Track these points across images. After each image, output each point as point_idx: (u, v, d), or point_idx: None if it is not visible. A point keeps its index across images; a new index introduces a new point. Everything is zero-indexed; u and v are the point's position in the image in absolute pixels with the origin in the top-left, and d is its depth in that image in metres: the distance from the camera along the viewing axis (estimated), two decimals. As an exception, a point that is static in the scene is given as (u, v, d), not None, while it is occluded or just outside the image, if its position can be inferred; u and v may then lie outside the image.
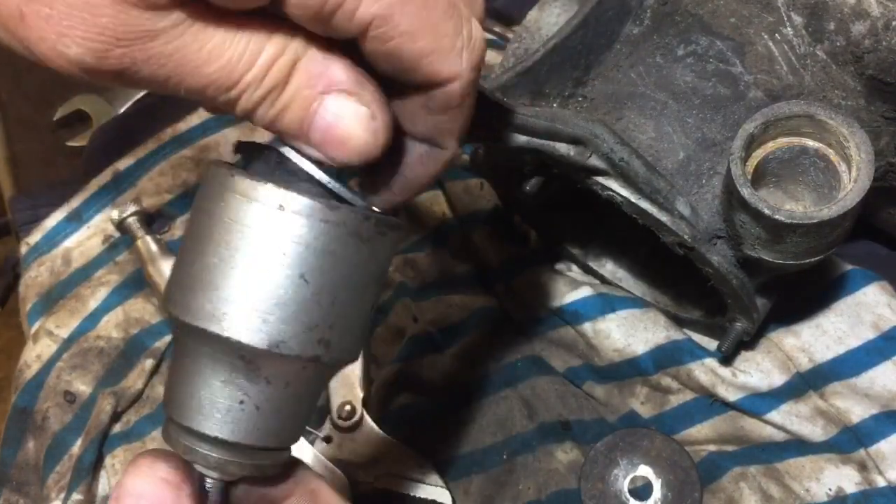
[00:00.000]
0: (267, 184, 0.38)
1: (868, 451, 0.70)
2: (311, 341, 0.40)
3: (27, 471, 0.80)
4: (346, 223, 0.39)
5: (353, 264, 0.40)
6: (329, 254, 0.39)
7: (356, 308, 0.41)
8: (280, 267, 0.38)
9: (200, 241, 0.40)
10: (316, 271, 0.39)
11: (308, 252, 0.39)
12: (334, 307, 0.40)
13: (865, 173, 0.55)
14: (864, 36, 0.61)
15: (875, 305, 0.75)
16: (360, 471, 0.72)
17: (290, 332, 0.39)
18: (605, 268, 0.81)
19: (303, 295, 0.39)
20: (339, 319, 0.40)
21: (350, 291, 0.40)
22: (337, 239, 0.39)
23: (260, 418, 0.41)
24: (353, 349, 0.42)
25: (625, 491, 0.70)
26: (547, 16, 0.71)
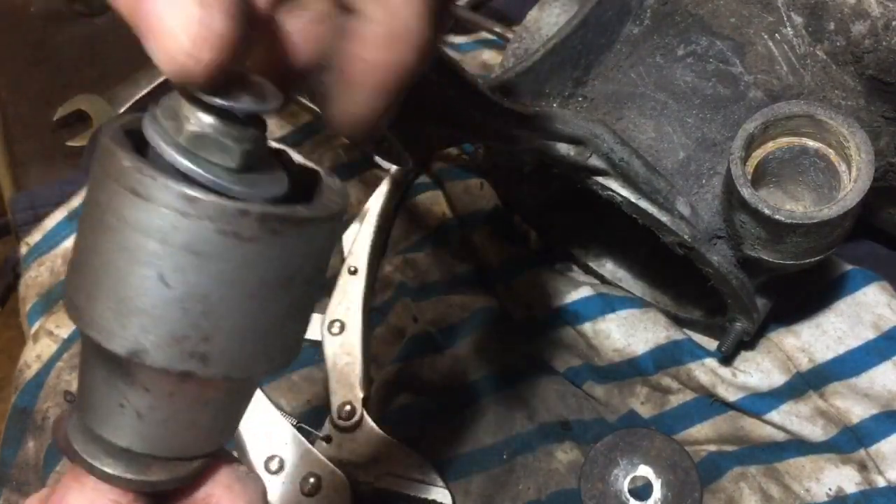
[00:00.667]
0: (122, 161, 0.31)
1: (868, 451, 0.70)
2: (180, 354, 0.33)
3: (27, 471, 0.80)
4: (211, 218, 0.31)
5: (235, 268, 0.32)
6: (193, 254, 0.31)
7: (250, 318, 0.33)
8: (135, 265, 0.32)
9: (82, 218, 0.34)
10: (179, 273, 0.32)
11: (166, 250, 0.31)
12: (207, 317, 0.32)
13: (865, 173, 0.55)
14: (864, 36, 0.61)
15: (875, 305, 0.75)
16: (360, 471, 0.72)
17: (152, 341, 0.33)
18: (605, 268, 0.81)
19: (164, 300, 0.32)
20: (218, 331, 0.33)
21: (236, 300, 0.33)
22: (202, 237, 0.31)
23: (144, 426, 0.36)
24: (255, 363, 0.35)
25: (625, 491, 0.70)
26: (547, 16, 0.71)
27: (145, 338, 0.32)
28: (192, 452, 0.37)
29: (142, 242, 0.31)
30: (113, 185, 0.32)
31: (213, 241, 0.31)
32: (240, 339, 0.34)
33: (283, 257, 0.33)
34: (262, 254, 0.32)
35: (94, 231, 0.33)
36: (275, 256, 0.33)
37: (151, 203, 0.31)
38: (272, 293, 0.33)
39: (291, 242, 0.33)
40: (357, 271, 0.81)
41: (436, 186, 0.88)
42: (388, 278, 0.84)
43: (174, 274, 0.32)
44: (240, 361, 0.34)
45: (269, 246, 0.32)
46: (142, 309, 0.32)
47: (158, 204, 0.31)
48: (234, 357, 0.34)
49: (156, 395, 0.35)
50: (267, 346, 0.35)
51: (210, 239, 0.31)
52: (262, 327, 0.34)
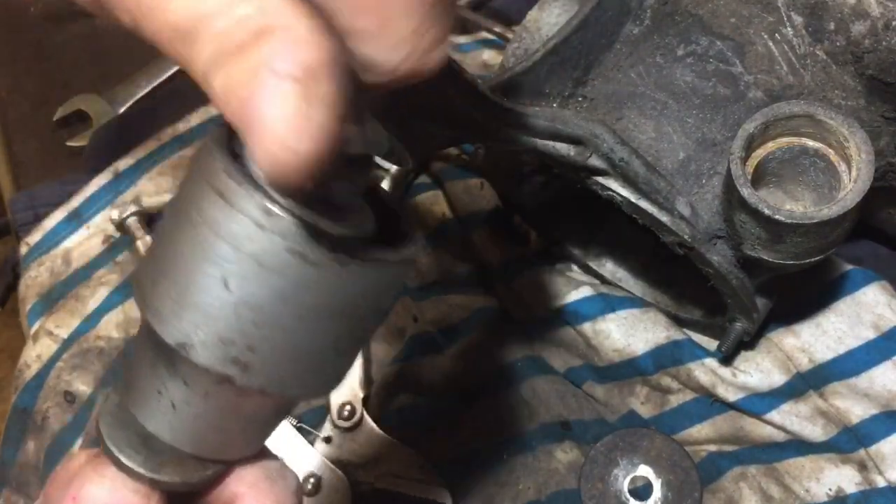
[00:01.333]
0: (216, 162, 0.33)
1: (868, 451, 0.70)
2: (223, 357, 0.34)
3: (27, 471, 0.80)
4: (283, 235, 0.32)
5: (294, 287, 0.33)
6: (259, 265, 0.33)
7: (297, 339, 0.34)
8: (204, 262, 0.33)
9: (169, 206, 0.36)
10: (241, 280, 0.33)
11: (236, 255, 0.33)
12: (258, 328, 0.34)
13: (865, 173, 0.55)
14: (864, 36, 0.61)
15: (875, 305, 0.75)
16: (360, 471, 0.72)
17: (201, 338, 0.34)
18: (605, 268, 0.81)
19: (221, 302, 0.33)
20: (264, 344, 0.34)
21: (288, 318, 0.34)
22: (271, 251, 0.32)
23: (175, 417, 0.37)
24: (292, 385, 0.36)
25: (625, 491, 0.70)
26: (547, 16, 0.71)
27: (195, 334, 0.34)
28: (212, 455, 0.38)
29: (215, 243, 0.33)
30: (203, 183, 0.33)
31: (280, 257, 0.33)
32: (282, 356, 0.35)
33: (341, 290, 0.34)
34: (322, 281, 0.33)
35: (176, 222, 0.34)
36: (334, 287, 0.34)
37: (233, 208, 0.32)
38: (323, 321, 0.35)
39: (353, 278, 0.34)
40: (357, 271, 0.81)
41: (436, 186, 0.88)
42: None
43: (237, 280, 0.33)
44: (277, 378, 0.35)
45: (331, 275, 0.33)
46: (199, 305, 0.34)
47: (239, 210, 0.32)
48: (273, 373, 0.35)
49: (193, 390, 0.36)
50: (307, 371, 0.36)
51: (278, 254, 0.33)
52: (305, 351, 0.35)
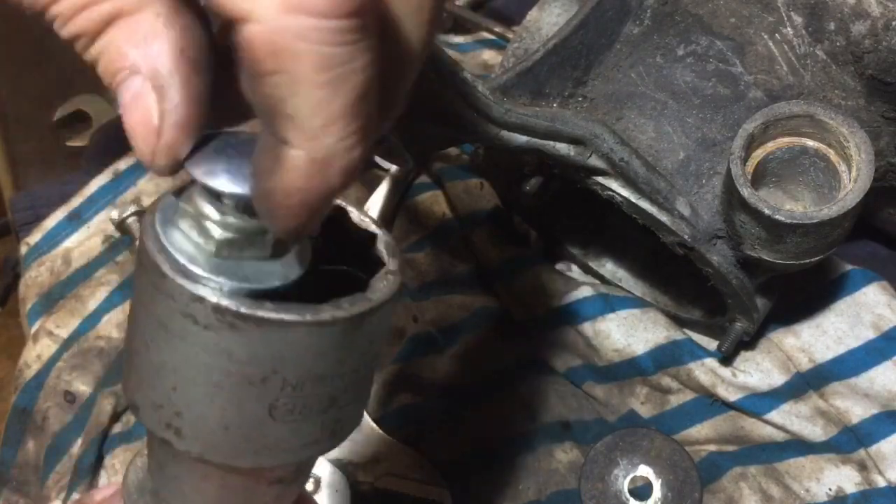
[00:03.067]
0: (148, 222, 0.32)
1: (868, 451, 0.70)
2: (158, 421, 0.33)
3: (27, 471, 0.80)
4: (173, 297, 0.31)
5: (198, 352, 0.31)
6: (163, 328, 0.32)
7: (217, 407, 0.32)
8: (132, 323, 0.34)
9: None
10: (154, 344, 0.32)
11: (147, 318, 0.32)
12: (177, 393, 0.32)
13: (865, 173, 0.55)
14: (864, 36, 0.61)
15: (875, 305, 0.75)
16: (360, 471, 0.72)
17: (141, 401, 0.34)
18: (605, 268, 0.81)
19: (147, 365, 0.33)
20: (188, 410, 0.33)
21: (202, 385, 0.32)
22: (168, 314, 0.31)
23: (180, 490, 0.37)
24: (235, 454, 0.34)
25: (625, 491, 0.70)
26: (547, 16, 0.71)
27: (138, 396, 0.34)
28: None
29: (135, 302, 0.33)
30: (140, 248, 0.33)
31: (177, 320, 0.31)
32: (210, 424, 0.33)
33: (248, 355, 0.31)
34: (223, 346, 0.31)
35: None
36: (239, 352, 0.31)
37: (142, 270, 0.32)
38: (241, 389, 0.32)
39: (256, 342, 0.31)
40: (357, 271, 0.81)
41: (436, 186, 0.88)
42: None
43: (152, 342, 0.32)
44: (213, 446, 0.33)
45: (231, 339, 0.31)
46: (135, 367, 0.34)
47: (144, 268, 0.32)
48: (207, 440, 0.33)
49: (179, 464, 0.36)
50: (246, 441, 0.33)
51: (174, 318, 0.31)
52: (233, 420, 0.33)
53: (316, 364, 0.32)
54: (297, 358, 0.32)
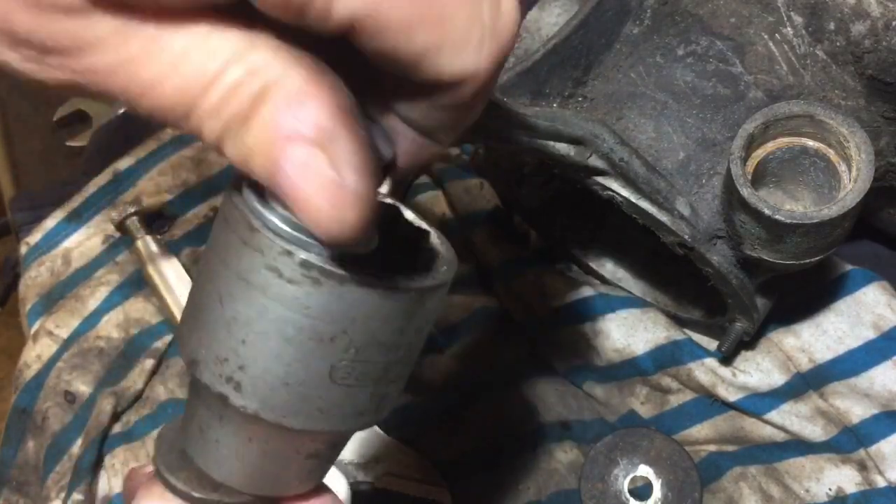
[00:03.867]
0: (234, 178, 0.34)
1: (868, 451, 0.70)
2: (219, 375, 0.34)
3: (27, 471, 0.80)
4: (262, 251, 0.32)
5: (276, 306, 0.33)
6: (244, 281, 0.33)
7: (283, 362, 0.33)
8: (205, 280, 0.34)
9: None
10: (230, 297, 0.33)
11: (226, 272, 0.33)
12: (246, 346, 0.33)
13: (865, 173, 0.55)
14: (864, 36, 0.61)
15: (875, 305, 0.75)
16: (360, 471, 0.72)
17: (203, 355, 0.35)
18: (605, 268, 0.81)
19: (216, 319, 0.34)
20: (253, 364, 0.34)
21: (273, 339, 0.33)
22: (252, 267, 0.32)
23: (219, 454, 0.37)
24: (288, 413, 0.34)
25: (625, 491, 0.70)
26: (547, 16, 0.71)
27: (199, 352, 0.35)
28: (260, 491, 0.38)
29: (214, 262, 0.34)
30: (220, 211, 0.35)
31: (262, 273, 0.32)
32: (272, 379, 0.34)
33: (325, 312, 0.33)
34: (302, 300, 0.32)
35: (203, 255, 0.36)
36: (316, 308, 0.32)
37: (227, 227, 0.33)
38: (310, 346, 0.33)
39: (334, 299, 0.32)
40: (357, 271, 0.81)
41: (436, 186, 0.88)
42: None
43: (228, 297, 0.33)
44: (270, 403, 0.34)
45: (311, 295, 0.32)
46: (203, 324, 0.35)
47: (232, 230, 0.33)
48: (266, 396, 0.34)
49: (226, 426, 0.36)
50: (302, 400, 0.34)
51: (259, 271, 0.32)
52: (296, 377, 0.34)
53: (381, 330, 0.34)
54: (367, 321, 0.33)
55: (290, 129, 0.29)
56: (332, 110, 0.29)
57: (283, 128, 0.29)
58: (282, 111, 0.29)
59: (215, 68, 0.29)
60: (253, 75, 0.29)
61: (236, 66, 0.29)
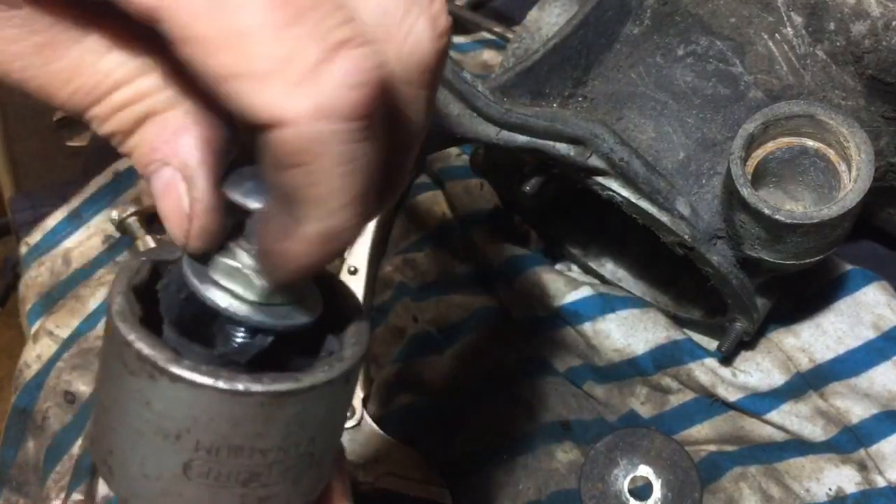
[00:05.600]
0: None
1: (868, 451, 0.70)
2: (98, 455, 0.35)
3: (27, 471, 0.80)
4: (114, 338, 0.33)
5: (123, 396, 0.33)
6: (105, 366, 0.34)
7: (140, 454, 0.33)
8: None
9: None
10: (100, 381, 0.35)
11: (101, 356, 0.35)
12: (112, 433, 0.34)
13: (865, 173, 0.55)
14: (864, 36, 0.61)
15: (875, 305, 0.75)
16: (360, 471, 0.72)
17: (91, 433, 0.36)
18: (605, 268, 0.81)
19: (97, 401, 0.35)
20: (118, 451, 0.34)
21: (127, 429, 0.33)
22: (108, 352, 0.34)
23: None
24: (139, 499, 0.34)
25: (625, 491, 0.70)
26: (547, 16, 0.71)
27: (90, 428, 0.36)
28: None
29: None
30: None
31: (114, 362, 0.33)
32: (132, 469, 0.33)
33: (164, 408, 0.32)
34: (145, 394, 0.32)
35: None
36: (156, 403, 0.32)
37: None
38: (158, 441, 0.32)
39: (171, 396, 0.31)
40: (357, 271, 0.81)
41: (436, 186, 0.88)
42: (388, 278, 0.84)
43: (99, 380, 0.35)
44: (136, 492, 0.34)
45: (149, 389, 0.32)
46: (94, 403, 0.36)
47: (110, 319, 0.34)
48: (130, 485, 0.34)
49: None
50: (163, 494, 0.33)
51: (112, 359, 0.33)
52: (152, 470, 0.33)
53: (231, 434, 0.32)
54: (211, 422, 0.32)
55: (160, 153, 0.33)
56: (200, 149, 0.33)
57: (156, 151, 0.33)
58: (157, 137, 0.33)
59: (109, 85, 0.33)
60: (140, 99, 0.33)
61: (127, 88, 0.33)
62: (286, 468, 0.34)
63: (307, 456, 0.35)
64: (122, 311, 0.33)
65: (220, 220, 0.34)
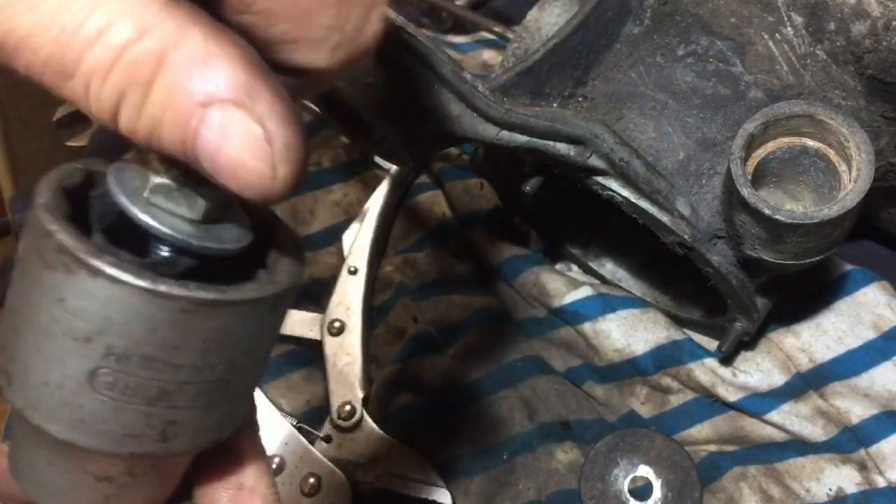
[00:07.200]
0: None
1: (868, 452, 0.70)
2: (1, 365, 0.32)
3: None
4: (33, 230, 0.31)
5: (36, 292, 0.30)
6: (20, 265, 0.31)
7: (36, 354, 0.31)
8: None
9: None
10: (12, 283, 0.32)
11: (18, 259, 0.32)
12: (16, 336, 0.31)
13: (865, 173, 0.55)
14: (864, 36, 0.61)
15: (875, 305, 0.75)
16: (360, 471, 0.72)
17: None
18: (605, 268, 0.81)
19: (6, 306, 0.32)
20: (19, 356, 0.31)
21: (33, 329, 0.31)
22: (25, 248, 0.31)
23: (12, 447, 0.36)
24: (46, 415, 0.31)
25: (625, 491, 0.70)
26: (547, 16, 0.71)
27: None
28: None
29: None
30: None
31: (30, 257, 0.31)
32: (34, 376, 0.31)
33: (78, 305, 0.30)
34: (58, 289, 0.30)
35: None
36: (70, 300, 0.30)
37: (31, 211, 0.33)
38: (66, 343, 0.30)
39: (86, 292, 0.29)
40: (357, 271, 0.81)
41: (436, 186, 0.88)
42: (388, 278, 0.84)
43: (11, 283, 0.32)
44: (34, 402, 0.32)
45: (65, 284, 0.30)
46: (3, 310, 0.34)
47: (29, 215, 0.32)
48: (29, 394, 0.32)
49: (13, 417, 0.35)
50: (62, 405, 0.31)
51: (29, 253, 0.31)
52: (54, 377, 0.31)
53: (146, 340, 0.30)
54: (126, 325, 0.30)
55: (203, 93, 0.27)
56: (241, 64, 0.27)
57: (196, 93, 0.27)
58: (190, 75, 0.26)
59: (100, 22, 0.26)
60: (144, 34, 0.26)
61: (123, 22, 0.26)
62: (198, 392, 0.32)
63: (222, 383, 0.33)
64: (48, 204, 0.30)
65: (301, 131, 0.29)
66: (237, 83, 0.27)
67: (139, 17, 0.26)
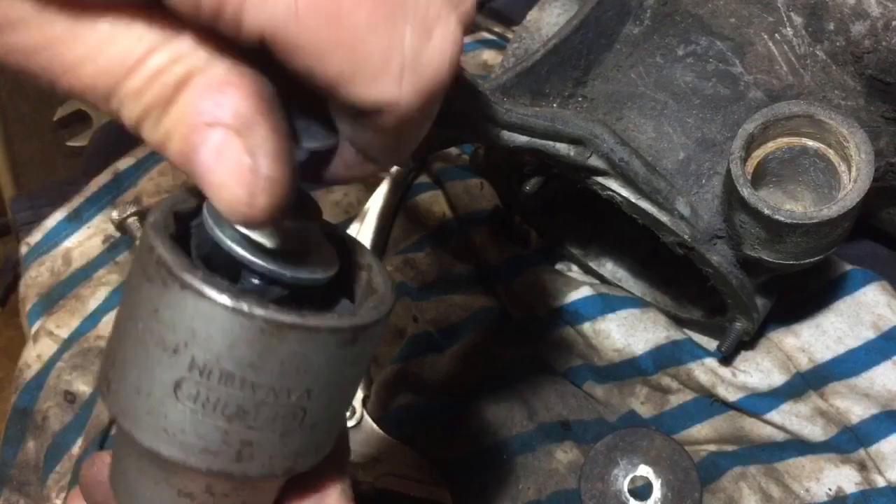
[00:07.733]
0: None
1: (868, 451, 0.70)
2: (102, 371, 0.36)
3: (27, 471, 0.80)
4: (141, 247, 0.34)
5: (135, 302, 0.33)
6: (128, 280, 0.35)
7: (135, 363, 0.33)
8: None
9: None
10: (123, 299, 0.35)
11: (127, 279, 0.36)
12: (118, 343, 0.35)
13: (865, 173, 0.55)
14: (864, 36, 0.61)
15: (875, 305, 0.75)
16: (360, 471, 0.72)
17: (105, 351, 0.37)
18: (605, 268, 0.81)
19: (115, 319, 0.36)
20: (119, 363, 0.34)
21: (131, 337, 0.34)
22: (134, 265, 0.34)
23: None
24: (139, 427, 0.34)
25: (625, 491, 0.70)
26: (547, 16, 0.71)
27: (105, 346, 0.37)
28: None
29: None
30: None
31: (135, 271, 0.33)
32: (128, 382, 0.34)
33: (168, 316, 0.32)
34: (154, 300, 0.32)
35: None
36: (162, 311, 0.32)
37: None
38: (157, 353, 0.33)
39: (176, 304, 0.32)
40: (357, 271, 0.81)
41: (436, 186, 0.88)
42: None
43: (123, 299, 0.35)
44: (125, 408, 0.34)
45: (160, 296, 0.32)
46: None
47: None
48: (123, 400, 0.34)
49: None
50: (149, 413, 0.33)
51: (135, 269, 0.34)
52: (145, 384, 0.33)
53: (225, 355, 0.32)
54: (208, 338, 0.32)
55: (209, 115, 0.29)
56: (251, 99, 0.30)
57: (203, 114, 0.29)
58: (203, 97, 0.30)
59: (140, 52, 0.29)
60: (176, 62, 0.30)
61: (161, 52, 0.30)
62: (274, 415, 0.33)
63: (298, 410, 0.34)
64: (156, 223, 0.33)
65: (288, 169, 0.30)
66: (240, 113, 0.30)
67: (174, 48, 0.30)
